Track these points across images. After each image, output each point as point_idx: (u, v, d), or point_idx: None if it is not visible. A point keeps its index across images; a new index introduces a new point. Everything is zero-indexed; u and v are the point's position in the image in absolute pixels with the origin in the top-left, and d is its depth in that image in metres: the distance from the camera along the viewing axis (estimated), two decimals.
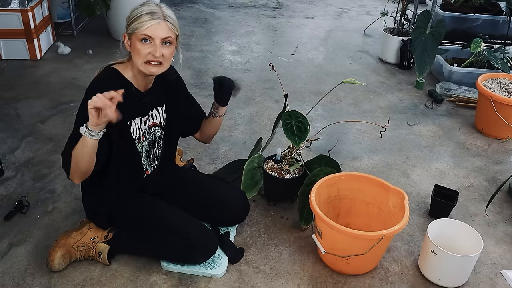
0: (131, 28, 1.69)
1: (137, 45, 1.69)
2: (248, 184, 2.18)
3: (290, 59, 3.99)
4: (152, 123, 1.91)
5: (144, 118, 1.87)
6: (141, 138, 1.88)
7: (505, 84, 3.02)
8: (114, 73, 1.78)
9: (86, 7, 3.82)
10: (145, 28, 1.66)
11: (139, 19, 1.67)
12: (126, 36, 1.74)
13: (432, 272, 1.90)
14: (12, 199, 2.23)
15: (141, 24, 1.67)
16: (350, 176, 2.09)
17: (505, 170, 2.64)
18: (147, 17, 1.67)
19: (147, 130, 1.90)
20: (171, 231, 1.84)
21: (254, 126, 2.97)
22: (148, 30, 1.67)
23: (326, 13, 5.25)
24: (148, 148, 1.92)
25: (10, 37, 3.55)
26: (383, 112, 3.21)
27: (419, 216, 2.28)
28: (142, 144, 1.89)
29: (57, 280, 1.83)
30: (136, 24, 1.67)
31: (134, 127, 1.83)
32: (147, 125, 1.89)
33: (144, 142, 1.90)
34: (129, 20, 1.71)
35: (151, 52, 1.69)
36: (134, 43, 1.70)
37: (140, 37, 1.68)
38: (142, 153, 1.91)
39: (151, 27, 1.67)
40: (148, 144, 1.92)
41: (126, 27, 1.73)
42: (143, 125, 1.87)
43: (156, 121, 1.92)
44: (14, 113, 2.97)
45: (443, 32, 3.35)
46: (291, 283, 1.88)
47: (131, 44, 1.73)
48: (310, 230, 2.12)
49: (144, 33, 1.67)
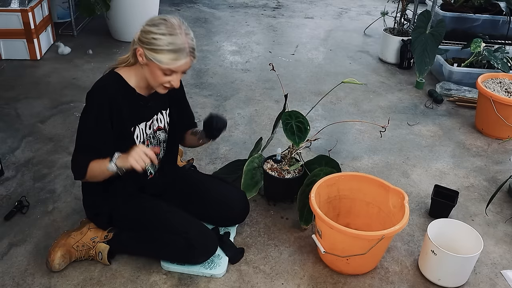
0: (153, 57, 1.63)
1: (158, 73, 1.67)
2: (248, 184, 2.18)
3: (290, 59, 3.99)
4: (157, 127, 1.91)
5: (149, 122, 1.86)
6: (145, 142, 1.87)
7: (505, 84, 3.02)
8: (117, 79, 1.76)
9: (86, 7, 3.82)
10: (172, 66, 1.65)
11: (167, 55, 1.62)
12: (141, 52, 1.66)
13: (432, 272, 1.90)
14: (12, 199, 2.23)
15: (168, 61, 1.63)
16: (350, 176, 2.09)
17: (505, 170, 2.64)
18: (176, 55, 1.63)
19: (152, 134, 1.89)
20: (171, 231, 1.84)
21: (254, 126, 2.97)
22: (175, 67, 1.66)
23: (326, 13, 5.25)
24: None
25: (10, 37, 3.55)
26: (383, 112, 3.21)
27: (419, 216, 2.28)
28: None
29: (57, 280, 1.83)
30: (162, 59, 1.63)
31: (138, 132, 1.82)
32: (152, 129, 1.88)
33: (148, 146, 1.89)
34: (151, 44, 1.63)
35: (171, 81, 1.70)
36: (153, 68, 1.67)
37: (163, 69, 1.66)
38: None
39: (177, 66, 1.66)
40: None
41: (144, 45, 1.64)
42: (148, 130, 1.87)
43: (160, 125, 1.92)
44: (14, 113, 2.97)
45: (443, 32, 3.35)
46: (291, 283, 1.88)
47: (147, 63, 1.67)
48: (310, 230, 2.12)
49: (170, 69, 1.66)
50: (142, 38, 1.66)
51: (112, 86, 1.74)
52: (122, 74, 1.76)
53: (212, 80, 3.52)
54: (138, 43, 1.67)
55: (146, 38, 1.64)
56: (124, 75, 1.76)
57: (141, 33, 1.68)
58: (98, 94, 1.72)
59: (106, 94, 1.71)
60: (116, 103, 1.72)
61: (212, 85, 3.45)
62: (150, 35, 1.64)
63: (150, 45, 1.64)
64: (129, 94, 1.76)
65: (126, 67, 1.77)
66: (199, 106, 3.15)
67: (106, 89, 1.72)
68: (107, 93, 1.71)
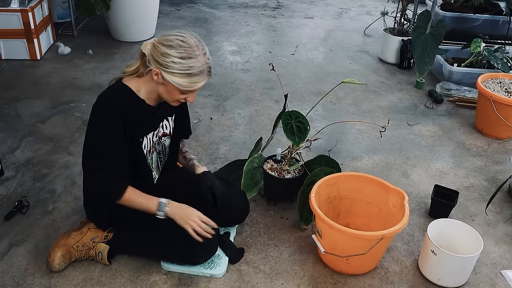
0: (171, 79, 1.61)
1: (174, 91, 1.66)
2: (248, 184, 2.18)
3: (290, 59, 3.99)
4: (162, 133, 1.90)
5: (156, 131, 1.86)
6: (151, 150, 1.87)
7: (505, 84, 3.02)
8: (126, 90, 1.71)
9: (86, 7, 3.82)
10: (191, 88, 1.65)
11: (186, 79, 1.61)
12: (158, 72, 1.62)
13: (432, 272, 1.90)
14: (12, 199, 2.23)
15: (187, 85, 1.63)
16: (350, 176, 2.09)
17: (505, 170, 2.64)
18: (196, 78, 1.63)
19: (158, 141, 1.89)
20: (171, 232, 1.84)
21: (254, 126, 2.97)
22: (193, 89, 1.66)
23: (326, 13, 5.25)
24: (157, 158, 1.93)
25: (10, 37, 3.55)
26: (383, 112, 3.21)
27: (419, 216, 2.28)
28: (152, 155, 1.88)
29: (57, 280, 1.83)
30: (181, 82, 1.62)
31: (146, 142, 1.82)
32: (157, 137, 1.88)
33: (154, 153, 1.88)
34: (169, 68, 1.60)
35: (187, 98, 1.71)
36: (170, 87, 1.65)
37: (181, 90, 1.65)
38: (153, 165, 1.91)
39: (197, 88, 1.66)
40: (157, 154, 1.92)
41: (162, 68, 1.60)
42: (154, 138, 1.86)
43: (166, 131, 1.92)
44: (14, 113, 2.97)
45: (443, 32, 3.35)
46: (291, 283, 1.88)
47: (163, 83, 1.65)
48: (310, 230, 2.12)
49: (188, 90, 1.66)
50: (158, 59, 1.61)
51: (120, 97, 1.70)
52: (131, 86, 1.72)
53: (212, 80, 3.52)
54: (155, 64, 1.62)
55: (164, 61, 1.60)
56: (133, 86, 1.72)
57: (156, 53, 1.62)
58: (108, 106, 1.68)
59: (116, 105, 1.68)
60: (126, 114, 1.69)
61: (212, 85, 3.45)
62: (169, 58, 1.60)
63: (169, 68, 1.60)
64: (138, 105, 1.73)
65: (135, 78, 1.73)
66: (199, 106, 3.15)
67: (115, 100, 1.69)
68: (117, 104, 1.68)
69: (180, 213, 1.80)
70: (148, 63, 1.65)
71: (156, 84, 1.68)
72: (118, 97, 1.70)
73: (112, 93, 1.72)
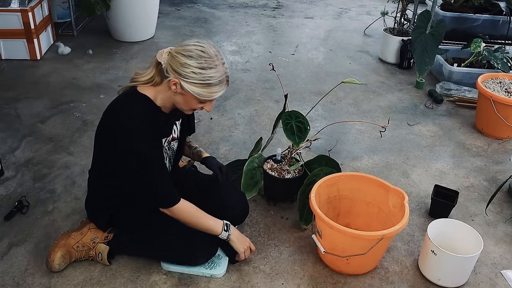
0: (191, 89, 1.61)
1: (192, 101, 1.67)
2: (248, 184, 2.18)
3: (290, 59, 3.99)
4: (172, 138, 1.90)
5: (168, 138, 1.86)
6: (164, 155, 1.85)
7: (505, 84, 3.02)
8: (146, 101, 1.69)
9: (86, 7, 3.82)
10: (210, 98, 1.66)
11: (206, 89, 1.62)
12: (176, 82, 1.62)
13: (432, 272, 1.90)
14: (12, 199, 2.23)
15: (207, 95, 1.63)
16: (350, 176, 2.09)
17: (505, 170, 2.64)
18: (216, 88, 1.64)
19: (168, 146, 1.89)
20: (171, 232, 1.84)
21: (254, 126, 2.97)
22: (212, 98, 1.67)
23: (326, 13, 5.25)
24: (169, 164, 1.93)
25: (10, 37, 3.55)
26: (383, 112, 3.21)
27: (419, 216, 2.28)
28: (165, 161, 1.87)
29: (57, 280, 1.83)
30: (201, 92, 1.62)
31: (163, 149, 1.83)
32: (167, 142, 1.87)
33: (166, 159, 1.88)
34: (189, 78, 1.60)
35: (204, 107, 1.71)
36: (188, 97, 1.65)
37: (200, 99, 1.66)
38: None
39: (216, 97, 1.67)
40: (169, 159, 1.92)
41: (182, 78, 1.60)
42: (165, 143, 1.85)
43: (174, 135, 1.91)
44: (14, 113, 2.97)
45: (443, 32, 3.35)
46: (291, 283, 1.88)
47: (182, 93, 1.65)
48: (310, 230, 2.12)
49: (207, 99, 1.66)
50: (178, 69, 1.61)
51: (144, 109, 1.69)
52: (149, 94, 1.71)
53: None
54: (173, 74, 1.62)
55: (183, 71, 1.60)
56: (150, 95, 1.71)
57: (175, 63, 1.61)
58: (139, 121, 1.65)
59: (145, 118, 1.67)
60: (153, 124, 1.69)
61: None
62: (189, 68, 1.60)
63: (189, 79, 1.60)
64: (155, 114, 1.72)
65: (150, 87, 1.72)
66: None
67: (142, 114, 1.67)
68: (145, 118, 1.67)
69: (239, 238, 1.89)
70: (166, 73, 1.64)
71: (174, 94, 1.67)
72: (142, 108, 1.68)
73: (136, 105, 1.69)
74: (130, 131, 1.65)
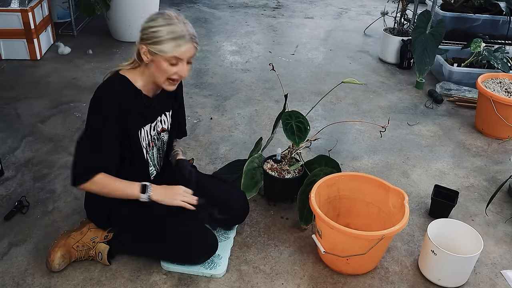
0: (157, 48, 1.65)
1: (163, 64, 1.68)
2: (248, 184, 2.18)
3: (290, 59, 3.99)
4: (161, 129, 1.91)
5: (153, 124, 1.86)
6: (151, 144, 1.87)
7: (505, 84, 3.02)
8: (124, 81, 1.75)
9: (86, 7, 3.82)
10: (176, 52, 1.66)
11: (169, 43, 1.64)
12: (145, 49, 1.67)
13: (432, 272, 1.90)
14: (12, 199, 2.23)
15: (171, 49, 1.65)
16: (350, 176, 2.09)
17: (505, 170, 2.64)
18: (178, 41, 1.65)
19: (157, 136, 1.90)
20: (171, 231, 1.84)
21: (254, 126, 2.97)
22: (179, 54, 1.67)
23: (326, 13, 5.25)
24: (158, 154, 1.94)
25: (10, 37, 3.55)
26: (383, 112, 3.21)
27: (419, 216, 2.28)
28: (152, 151, 1.89)
29: (57, 280, 1.83)
30: (165, 47, 1.65)
31: (143, 134, 1.83)
32: (156, 131, 1.89)
33: (154, 148, 1.90)
34: (152, 38, 1.65)
35: (178, 72, 1.71)
36: (158, 61, 1.68)
37: (168, 59, 1.67)
38: (154, 160, 1.92)
39: (181, 52, 1.67)
40: (157, 150, 1.93)
41: (146, 41, 1.67)
42: (152, 131, 1.87)
43: (164, 126, 1.93)
44: (14, 113, 2.97)
45: (443, 32, 3.35)
46: (291, 283, 1.88)
47: (152, 59, 1.69)
48: (310, 230, 2.12)
49: (175, 56, 1.67)
50: (143, 36, 1.68)
51: (118, 88, 1.73)
52: (128, 76, 1.76)
53: (212, 80, 3.52)
54: (140, 42, 1.69)
55: (146, 34, 1.67)
56: (130, 77, 1.76)
57: (141, 32, 1.70)
58: (105, 96, 1.71)
59: (113, 96, 1.71)
60: (123, 105, 1.71)
61: (212, 85, 3.45)
62: (150, 29, 1.66)
63: (152, 39, 1.66)
64: (135, 96, 1.76)
65: (131, 70, 1.77)
66: (199, 106, 3.15)
67: (112, 90, 1.73)
68: (114, 95, 1.71)
69: (164, 192, 1.80)
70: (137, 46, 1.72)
71: (148, 66, 1.72)
72: (114, 86, 1.74)
73: (109, 84, 1.75)
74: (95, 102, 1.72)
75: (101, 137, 1.73)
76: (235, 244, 2.04)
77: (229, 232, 2.06)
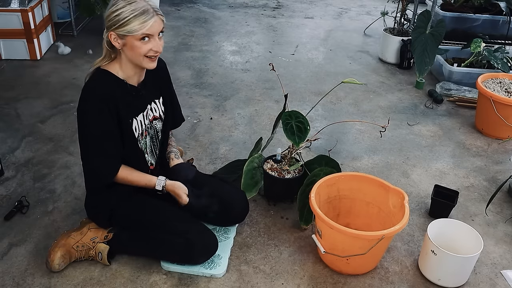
0: (125, 30, 1.67)
1: (136, 44, 1.70)
2: (248, 184, 2.18)
3: (290, 59, 3.99)
4: (153, 117, 1.93)
5: (144, 112, 1.88)
6: (144, 133, 1.90)
7: (505, 84, 3.02)
8: (106, 74, 1.78)
9: (86, 7, 3.82)
10: (144, 29, 1.67)
11: (135, 21, 1.66)
12: (114, 35, 1.70)
13: (432, 272, 1.90)
14: (12, 199, 2.23)
15: (138, 26, 1.66)
16: (350, 176, 2.09)
17: (505, 170, 2.64)
18: (143, 18, 1.66)
19: (149, 125, 1.92)
20: (171, 231, 1.84)
21: (254, 126, 2.97)
22: (147, 30, 1.67)
23: (326, 13, 5.25)
24: (151, 142, 1.95)
25: (10, 37, 3.55)
26: (383, 112, 3.21)
27: (419, 216, 2.28)
28: (145, 139, 1.91)
29: (57, 280, 1.83)
30: (132, 27, 1.66)
31: (136, 124, 1.84)
32: (148, 120, 1.90)
33: (147, 137, 1.92)
34: (118, 21, 1.67)
35: (152, 48, 1.72)
36: (131, 42, 1.69)
37: (139, 37, 1.68)
38: (147, 149, 1.94)
39: (149, 27, 1.67)
40: (150, 139, 1.94)
41: (113, 27, 1.69)
42: (145, 120, 1.89)
43: (155, 114, 1.94)
44: (14, 113, 2.97)
45: (443, 32, 3.35)
46: (291, 283, 1.88)
47: (124, 43, 1.71)
48: (310, 230, 2.12)
49: (144, 33, 1.68)
50: (108, 23, 1.70)
51: (103, 83, 1.76)
52: (110, 70, 1.78)
53: (212, 80, 3.52)
54: (107, 30, 1.71)
55: (111, 20, 1.69)
56: (111, 69, 1.78)
57: (106, 20, 1.71)
58: (94, 93, 1.73)
59: (100, 93, 1.73)
60: (111, 99, 1.74)
61: (212, 85, 3.45)
62: (113, 14, 1.68)
63: (118, 23, 1.67)
64: (120, 87, 1.79)
65: (110, 63, 1.79)
66: (199, 106, 3.15)
67: (99, 86, 1.75)
68: (102, 88, 1.74)
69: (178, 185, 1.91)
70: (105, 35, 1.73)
71: (122, 52, 1.73)
72: (100, 82, 1.76)
73: (94, 83, 1.76)
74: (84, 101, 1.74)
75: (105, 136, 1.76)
76: (235, 244, 2.04)
77: (229, 232, 2.06)
